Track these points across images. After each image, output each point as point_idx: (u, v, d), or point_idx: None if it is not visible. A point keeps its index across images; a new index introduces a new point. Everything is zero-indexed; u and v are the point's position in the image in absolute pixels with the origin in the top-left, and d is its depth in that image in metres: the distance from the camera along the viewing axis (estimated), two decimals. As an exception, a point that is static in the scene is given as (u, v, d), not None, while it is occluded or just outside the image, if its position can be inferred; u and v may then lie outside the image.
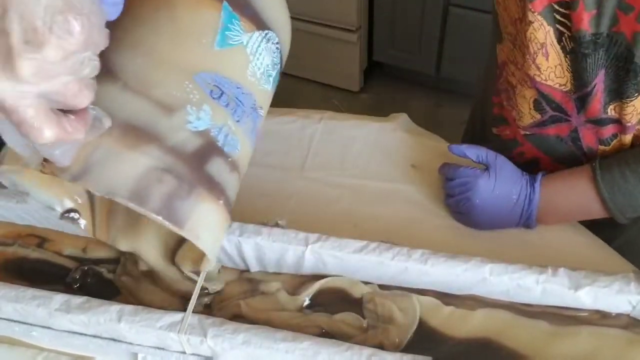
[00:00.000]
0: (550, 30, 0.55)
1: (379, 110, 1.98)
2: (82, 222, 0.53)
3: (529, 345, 0.55)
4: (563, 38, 0.55)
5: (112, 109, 0.42)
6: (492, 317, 0.57)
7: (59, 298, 0.56)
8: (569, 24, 0.54)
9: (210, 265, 0.49)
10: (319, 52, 1.99)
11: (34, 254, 0.66)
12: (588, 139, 0.64)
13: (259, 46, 0.51)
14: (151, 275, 0.61)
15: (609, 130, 0.62)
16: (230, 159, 0.48)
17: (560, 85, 0.60)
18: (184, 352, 0.55)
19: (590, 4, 0.52)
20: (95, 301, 0.56)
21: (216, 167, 0.46)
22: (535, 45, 0.57)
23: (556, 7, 0.54)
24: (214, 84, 0.46)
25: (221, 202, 0.46)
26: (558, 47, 0.56)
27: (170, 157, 0.43)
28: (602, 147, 0.64)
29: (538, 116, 0.65)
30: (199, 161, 0.45)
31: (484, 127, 0.80)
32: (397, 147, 0.77)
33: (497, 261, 0.56)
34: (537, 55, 0.58)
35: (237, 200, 0.58)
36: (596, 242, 0.68)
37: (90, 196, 0.53)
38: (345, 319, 0.58)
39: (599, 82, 0.57)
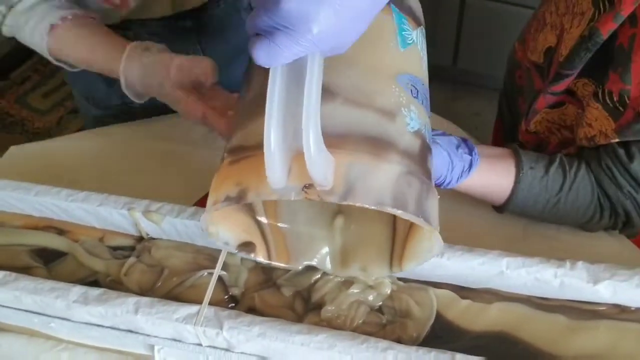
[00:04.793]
0: None
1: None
2: (259, 258, 0.55)
3: (546, 339, 0.54)
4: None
5: (343, 124, 0.43)
6: (509, 310, 0.56)
7: (77, 290, 0.56)
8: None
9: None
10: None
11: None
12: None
13: (422, 41, 0.53)
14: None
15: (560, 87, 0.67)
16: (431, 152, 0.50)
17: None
18: (200, 344, 0.55)
19: None
20: (112, 293, 0.56)
21: (430, 162, 0.48)
22: None
23: None
24: (410, 83, 0.48)
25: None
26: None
27: (407, 160, 0.44)
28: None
29: None
30: (422, 159, 0.46)
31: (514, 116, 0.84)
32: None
33: (514, 254, 0.56)
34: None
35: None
36: (615, 235, 0.67)
37: (261, 227, 0.55)
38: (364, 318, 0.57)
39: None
